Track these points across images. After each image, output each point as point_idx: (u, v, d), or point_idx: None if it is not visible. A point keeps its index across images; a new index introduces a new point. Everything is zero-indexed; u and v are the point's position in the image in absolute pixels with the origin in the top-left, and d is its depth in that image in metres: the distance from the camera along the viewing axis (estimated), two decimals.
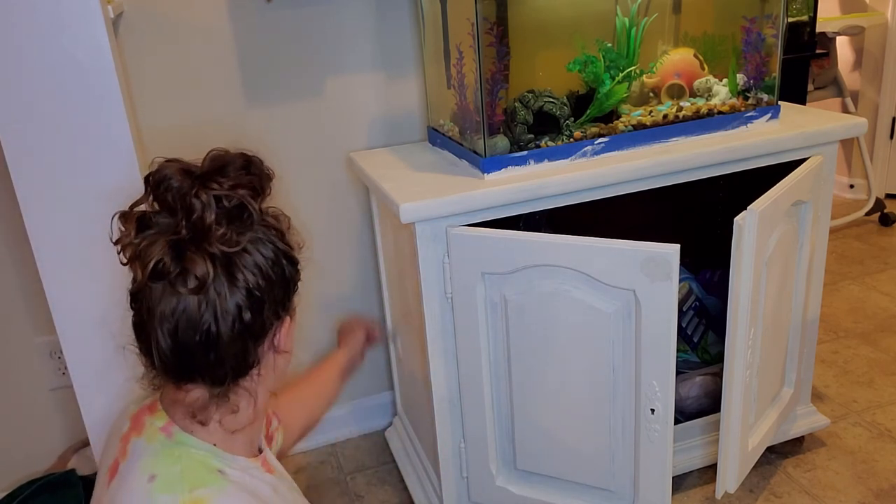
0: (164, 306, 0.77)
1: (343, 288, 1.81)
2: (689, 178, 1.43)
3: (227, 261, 0.78)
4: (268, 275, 0.81)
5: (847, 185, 3.30)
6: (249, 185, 0.83)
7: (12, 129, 1.07)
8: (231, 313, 0.79)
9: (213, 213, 0.78)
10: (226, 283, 0.78)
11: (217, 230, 0.78)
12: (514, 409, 1.42)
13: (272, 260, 0.82)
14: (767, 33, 1.50)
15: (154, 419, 0.87)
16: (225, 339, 0.79)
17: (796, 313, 1.58)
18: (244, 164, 0.85)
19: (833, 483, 1.64)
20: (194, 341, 0.78)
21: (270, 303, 0.82)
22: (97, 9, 1.06)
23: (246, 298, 0.79)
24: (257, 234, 0.82)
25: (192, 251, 0.77)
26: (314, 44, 1.60)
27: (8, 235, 1.58)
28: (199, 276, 0.76)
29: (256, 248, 0.81)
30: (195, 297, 0.77)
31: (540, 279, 1.30)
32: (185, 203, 0.79)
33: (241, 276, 0.79)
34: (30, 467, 1.73)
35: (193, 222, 0.78)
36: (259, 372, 0.86)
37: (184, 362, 0.80)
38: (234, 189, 0.81)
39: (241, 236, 0.80)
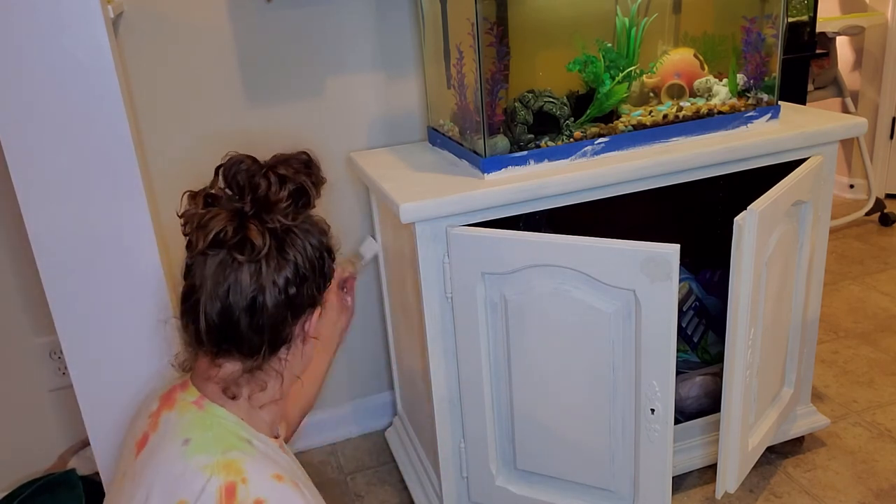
0: (219, 273, 0.85)
1: None
2: (689, 178, 1.43)
3: (282, 237, 0.87)
4: (312, 260, 0.90)
5: (847, 185, 3.30)
6: (309, 176, 0.93)
7: (12, 129, 1.07)
8: (278, 285, 0.86)
9: (279, 191, 0.88)
10: (277, 257, 0.86)
11: (280, 203, 0.87)
12: (514, 409, 1.42)
13: (317, 248, 0.91)
14: (767, 33, 1.50)
15: (186, 395, 0.92)
16: (268, 310, 0.86)
17: (796, 313, 1.58)
18: (306, 160, 0.95)
19: (833, 483, 1.64)
20: (241, 308, 0.85)
21: (311, 286, 0.90)
22: (97, 9, 1.06)
23: (293, 275, 0.87)
24: (307, 224, 0.91)
25: (254, 223, 0.85)
26: (314, 44, 1.60)
27: (8, 235, 1.58)
28: (256, 247, 0.84)
29: (306, 234, 0.90)
30: (249, 266, 0.84)
31: (540, 279, 1.30)
32: (253, 182, 0.88)
33: (291, 253, 0.87)
34: (30, 467, 1.73)
35: (259, 197, 0.87)
36: (287, 355, 0.93)
37: (227, 330, 0.86)
38: (297, 174, 0.90)
39: (297, 216, 0.89)
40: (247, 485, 0.83)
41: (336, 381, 1.90)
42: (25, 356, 1.68)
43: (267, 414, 0.96)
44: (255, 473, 0.85)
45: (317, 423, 1.90)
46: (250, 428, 0.92)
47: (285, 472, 0.88)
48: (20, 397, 1.70)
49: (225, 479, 0.83)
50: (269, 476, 0.86)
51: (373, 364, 1.91)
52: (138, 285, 1.18)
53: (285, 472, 0.89)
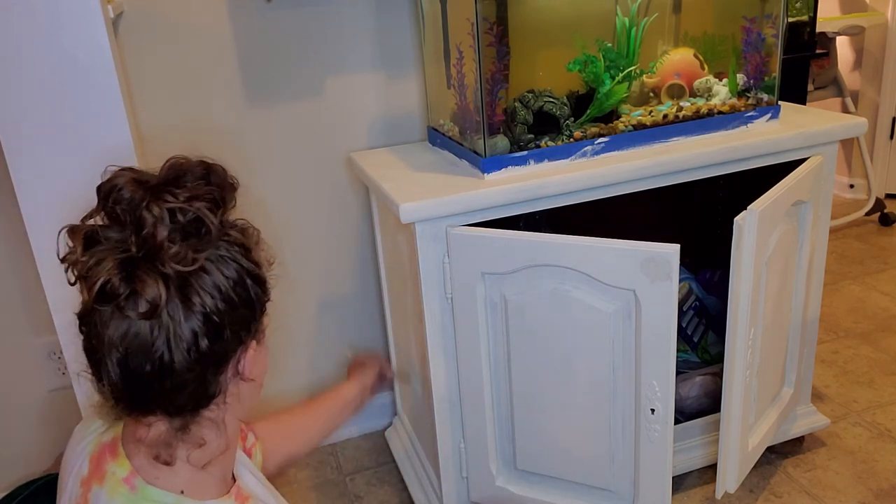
0: (113, 332, 0.69)
1: (343, 288, 1.81)
2: (689, 178, 1.43)
3: (181, 282, 0.70)
4: (229, 297, 0.73)
5: (847, 185, 3.30)
6: (209, 196, 0.74)
7: (12, 129, 1.07)
8: (186, 340, 0.70)
9: (166, 229, 0.70)
10: (180, 307, 0.70)
11: (170, 248, 0.70)
12: (514, 409, 1.42)
13: (234, 280, 0.73)
14: (767, 33, 1.50)
15: (116, 467, 0.78)
16: (180, 368, 0.71)
17: (796, 313, 1.58)
18: (203, 173, 0.77)
19: (833, 483, 1.64)
20: (146, 371, 0.71)
21: (232, 327, 0.74)
22: (97, 9, 1.06)
23: (203, 324, 0.71)
24: (218, 251, 0.73)
25: (143, 271, 0.69)
26: (314, 44, 1.60)
27: (8, 235, 1.58)
28: (151, 300, 0.68)
29: (217, 267, 0.72)
30: (146, 323, 0.69)
31: (540, 279, 1.30)
32: (135, 216, 0.71)
33: (197, 299, 0.70)
34: (29, 467, 1.73)
35: (144, 238, 0.70)
36: (224, 400, 0.78)
37: (137, 393, 0.73)
38: (190, 201, 0.72)
39: (199, 254, 0.71)
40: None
41: (336, 381, 1.89)
42: (25, 356, 1.68)
43: (216, 469, 0.82)
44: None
45: None
46: (193, 502, 0.78)
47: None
48: (20, 397, 1.70)
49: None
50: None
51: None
52: None
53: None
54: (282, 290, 0.89)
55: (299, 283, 1.76)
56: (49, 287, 1.15)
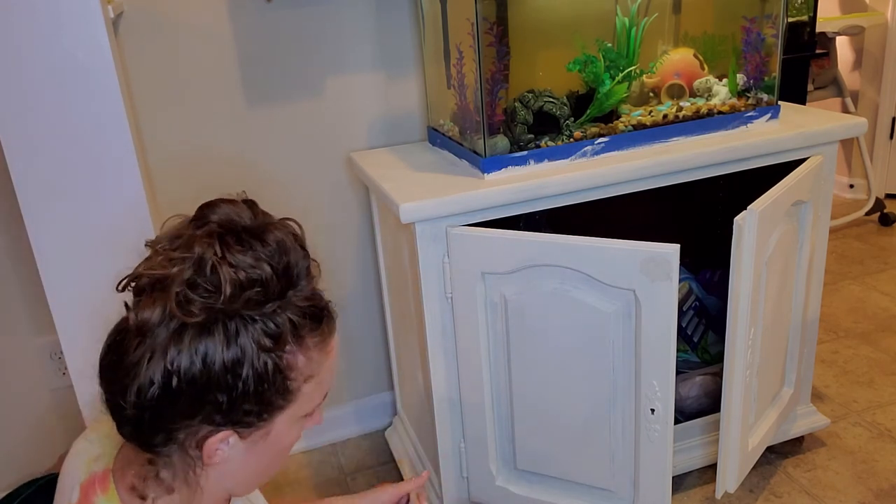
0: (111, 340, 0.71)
1: (343, 288, 1.81)
2: (689, 178, 1.43)
3: (173, 327, 0.67)
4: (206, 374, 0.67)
5: (847, 185, 3.30)
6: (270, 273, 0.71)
7: (12, 129, 1.07)
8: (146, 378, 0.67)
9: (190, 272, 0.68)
10: (158, 346, 0.67)
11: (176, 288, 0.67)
12: (514, 409, 1.42)
13: (227, 360, 0.68)
14: (767, 33, 1.50)
15: (105, 502, 0.76)
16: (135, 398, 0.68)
17: (796, 313, 1.58)
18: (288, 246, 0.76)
19: (833, 483, 1.64)
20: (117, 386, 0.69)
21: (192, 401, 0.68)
22: (97, 9, 1.06)
23: (162, 376, 0.67)
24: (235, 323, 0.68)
25: (151, 294, 0.69)
26: (314, 44, 1.60)
27: (8, 235, 1.58)
28: (143, 320, 0.67)
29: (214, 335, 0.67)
30: (134, 340, 0.68)
31: (540, 279, 1.30)
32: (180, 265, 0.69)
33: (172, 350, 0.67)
34: (30, 467, 1.73)
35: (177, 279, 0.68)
36: (197, 465, 0.74)
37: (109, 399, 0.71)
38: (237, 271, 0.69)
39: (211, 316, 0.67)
40: None
41: (336, 381, 1.89)
42: (25, 356, 1.68)
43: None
44: None
45: (317, 424, 1.89)
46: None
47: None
48: (20, 397, 1.70)
49: None
50: None
51: (373, 364, 1.91)
52: None
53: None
54: None
55: None
56: (49, 287, 1.15)
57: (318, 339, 0.75)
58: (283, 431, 0.77)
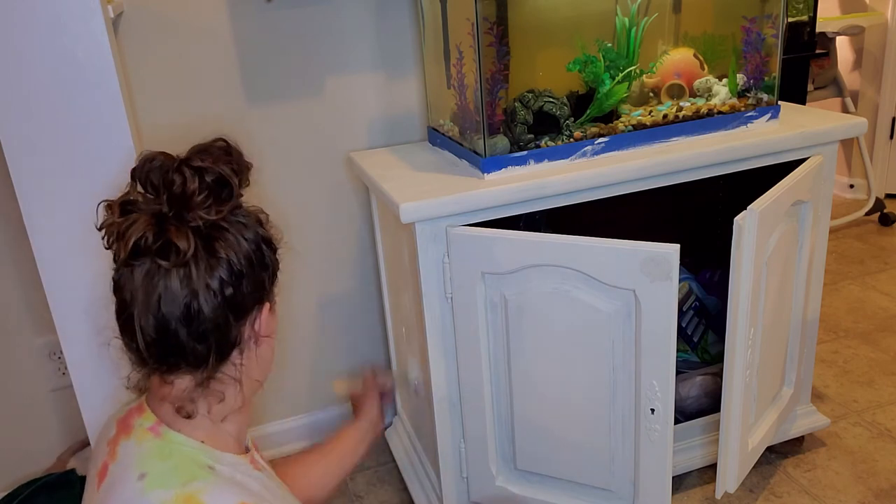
0: (146, 284, 0.77)
1: (343, 288, 1.81)
2: (689, 178, 1.43)
3: (208, 235, 0.79)
4: (248, 255, 0.82)
5: (847, 185, 3.30)
6: (229, 163, 0.84)
7: (12, 128, 1.07)
8: (213, 288, 0.78)
9: (194, 184, 0.79)
10: (206, 258, 0.78)
11: (198, 198, 0.79)
12: (514, 409, 1.42)
13: (253, 241, 0.82)
14: (767, 33, 1.50)
15: (142, 420, 0.86)
16: (207, 315, 0.79)
17: (796, 313, 1.58)
18: (226, 148, 0.88)
19: (833, 483, 1.64)
20: (176, 317, 0.78)
21: (251, 283, 0.82)
22: (97, 9, 1.06)
23: (227, 274, 0.79)
24: (237, 216, 0.82)
25: (174, 225, 0.78)
26: (314, 44, 1.60)
27: (8, 235, 1.58)
28: (181, 249, 0.76)
29: (237, 228, 0.81)
30: (177, 271, 0.77)
31: (540, 279, 1.30)
32: (167, 179, 0.80)
33: (222, 251, 0.79)
34: (29, 467, 1.73)
35: (175, 195, 0.79)
36: (241, 360, 0.85)
37: (167, 343, 0.79)
38: (215, 163, 0.82)
39: (222, 208, 0.80)
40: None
41: (336, 381, 1.89)
42: (25, 356, 1.68)
43: (231, 425, 0.89)
44: None
45: (317, 422, 1.90)
46: (214, 451, 0.85)
47: (252, 498, 0.83)
48: (20, 397, 1.70)
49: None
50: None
51: (373, 364, 1.91)
52: None
53: (253, 496, 0.84)
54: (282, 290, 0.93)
55: (299, 282, 1.76)
56: (49, 287, 1.15)
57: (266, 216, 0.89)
58: (278, 293, 0.91)
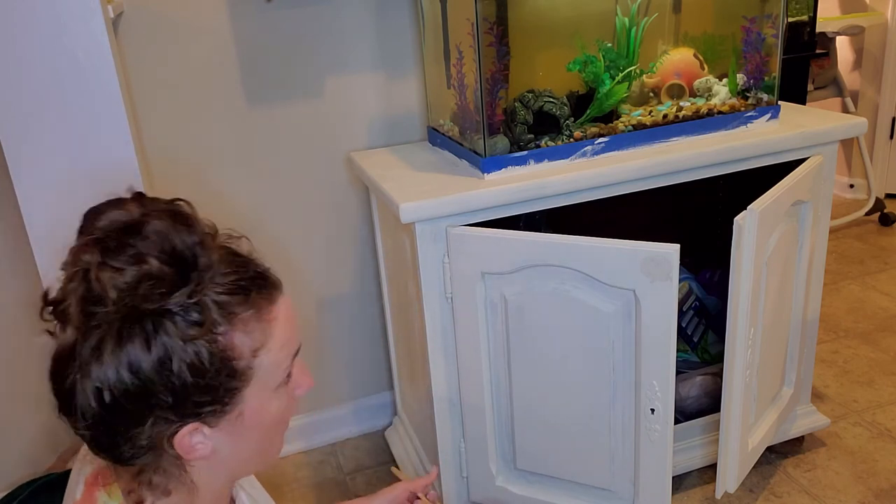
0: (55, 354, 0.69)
1: (343, 288, 1.81)
2: (689, 178, 1.43)
3: (92, 343, 0.66)
4: (139, 378, 0.65)
5: (847, 184, 3.30)
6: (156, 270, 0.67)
7: (12, 129, 1.07)
8: (86, 396, 0.66)
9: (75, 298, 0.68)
10: (84, 364, 0.66)
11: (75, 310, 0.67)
12: (513, 409, 1.42)
13: (152, 362, 0.65)
14: (767, 33, 1.50)
15: (106, 497, 0.78)
16: (87, 416, 0.68)
17: (796, 313, 1.58)
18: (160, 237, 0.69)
19: (833, 483, 1.64)
20: (68, 410, 0.69)
21: (134, 408, 0.67)
22: (97, 9, 1.06)
23: (94, 392, 0.66)
24: (145, 318, 0.65)
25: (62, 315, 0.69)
26: (314, 44, 1.60)
27: (8, 235, 1.58)
28: (62, 342, 0.67)
29: (132, 337, 0.64)
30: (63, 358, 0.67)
31: (540, 279, 1.30)
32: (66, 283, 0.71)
33: (95, 366, 0.65)
34: (30, 467, 1.73)
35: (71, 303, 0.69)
36: (182, 465, 0.73)
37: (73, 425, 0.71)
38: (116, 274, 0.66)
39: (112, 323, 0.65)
40: None
41: (336, 381, 1.90)
42: (25, 356, 1.68)
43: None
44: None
45: (317, 423, 1.90)
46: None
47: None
48: (20, 397, 1.70)
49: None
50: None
51: (373, 364, 1.91)
52: None
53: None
54: None
55: (299, 282, 1.76)
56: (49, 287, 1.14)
57: (253, 311, 0.70)
58: (261, 407, 0.73)
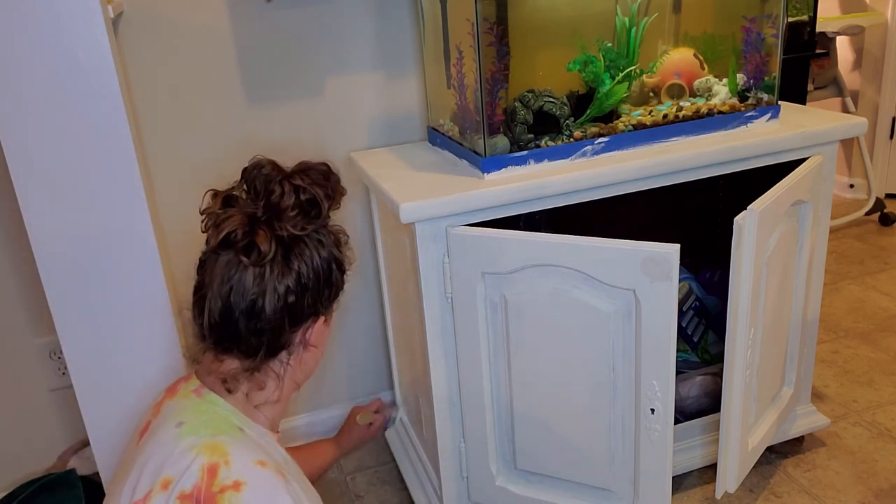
0: (224, 272, 0.89)
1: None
2: (689, 178, 1.43)
3: (288, 246, 0.90)
4: (318, 271, 0.93)
5: (847, 184, 3.30)
6: (325, 188, 0.95)
7: (12, 129, 1.07)
8: (278, 293, 0.89)
9: (290, 199, 0.91)
10: (281, 265, 0.89)
11: (290, 212, 0.90)
12: (513, 409, 1.42)
13: (326, 260, 0.94)
14: (767, 33, 1.50)
15: (188, 385, 0.97)
16: (266, 315, 0.90)
17: (796, 313, 1.58)
18: (325, 172, 0.98)
19: (833, 483, 1.64)
20: (240, 309, 0.89)
21: (313, 296, 0.93)
22: (97, 9, 1.06)
23: (294, 284, 0.90)
24: (320, 235, 0.94)
25: (263, 229, 0.89)
26: (314, 44, 1.60)
27: (8, 235, 1.58)
28: (262, 252, 0.87)
29: (315, 245, 0.93)
30: (252, 270, 0.88)
31: (540, 279, 1.30)
32: (268, 188, 0.92)
33: (296, 262, 0.90)
34: (29, 467, 1.73)
35: (271, 203, 0.91)
36: (289, 360, 0.96)
37: (227, 329, 0.91)
38: (312, 186, 0.93)
39: (308, 226, 0.92)
40: (228, 466, 0.86)
41: (336, 380, 1.90)
42: (25, 356, 1.68)
43: (266, 412, 0.99)
44: (238, 457, 0.87)
45: (317, 422, 1.90)
46: (246, 418, 0.95)
47: (271, 461, 0.90)
48: (20, 397, 1.70)
49: (209, 458, 0.86)
50: (252, 461, 0.88)
51: (373, 364, 1.91)
52: (138, 285, 1.18)
53: (272, 460, 0.90)
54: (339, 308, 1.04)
55: None
56: (49, 287, 1.15)
57: (347, 240, 1.01)
58: (330, 323, 1.01)
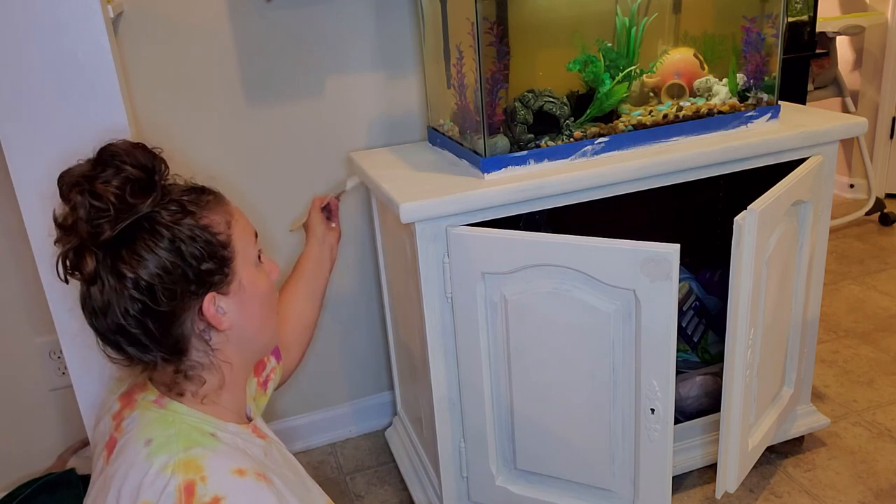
0: (84, 297, 0.84)
1: (343, 288, 1.81)
2: (689, 177, 1.43)
3: (115, 252, 0.81)
4: (160, 263, 0.82)
5: (847, 184, 3.30)
6: (131, 177, 0.84)
7: (12, 128, 1.07)
8: (124, 304, 0.82)
9: (84, 212, 0.81)
10: (112, 276, 0.81)
11: (96, 221, 0.81)
12: (513, 409, 1.42)
13: (166, 247, 0.83)
14: (767, 33, 1.50)
15: (146, 394, 0.92)
16: (131, 327, 0.83)
17: (796, 313, 1.58)
18: (126, 149, 0.87)
19: (833, 483, 1.64)
20: (108, 328, 0.84)
21: (167, 291, 0.83)
22: (97, 9, 1.06)
23: (135, 290, 0.82)
24: (145, 222, 0.82)
25: (82, 245, 0.82)
26: (314, 44, 1.60)
27: (8, 235, 1.58)
28: (85, 269, 0.82)
29: (150, 238, 0.82)
30: (94, 289, 0.82)
31: (540, 279, 1.30)
32: (71, 205, 0.83)
33: (126, 269, 0.81)
34: (29, 467, 1.73)
35: (79, 218, 0.82)
36: (208, 347, 0.89)
37: (117, 346, 0.86)
38: (106, 184, 0.82)
39: (118, 224, 0.81)
40: (205, 483, 0.82)
41: (336, 380, 1.90)
42: (25, 356, 1.68)
43: (224, 402, 0.94)
44: (214, 470, 0.83)
45: (317, 422, 1.90)
46: (216, 420, 0.91)
47: (250, 465, 0.86)
48: (20, 397, 1.70)
49: (184, 477, 0.82)
50: (230, 471, 0.84)
51: (373, 364, 1.91)
52: None
53: (251, 463, 0.87)
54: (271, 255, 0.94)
55: None
56: (49, 287, 1.14)
57: (212, 197, 0.91)
58: (253, 280, 0.92)
